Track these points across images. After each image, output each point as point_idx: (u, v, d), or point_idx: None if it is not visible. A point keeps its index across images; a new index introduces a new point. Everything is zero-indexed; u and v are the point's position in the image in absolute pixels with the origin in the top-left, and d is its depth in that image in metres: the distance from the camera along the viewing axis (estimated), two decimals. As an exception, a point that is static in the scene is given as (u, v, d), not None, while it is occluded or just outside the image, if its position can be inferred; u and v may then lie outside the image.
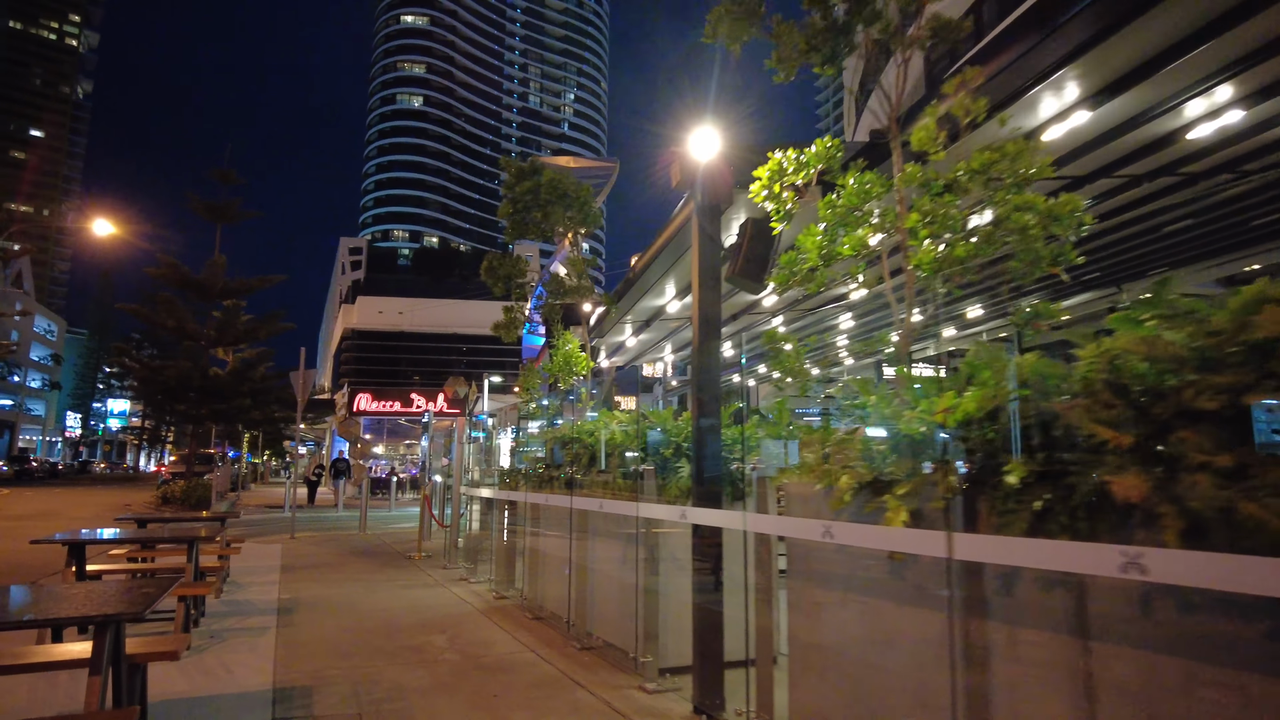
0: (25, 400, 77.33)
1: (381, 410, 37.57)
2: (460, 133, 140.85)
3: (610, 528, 5.46)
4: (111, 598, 3.25)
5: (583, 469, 5.74)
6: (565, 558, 6.13)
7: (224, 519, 8.72)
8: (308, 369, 15.20)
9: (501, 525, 8.14)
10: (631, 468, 5.03)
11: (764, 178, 3.78)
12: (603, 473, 5.48)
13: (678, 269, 7.73)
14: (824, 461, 3.22)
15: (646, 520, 4.80)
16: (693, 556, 4.44)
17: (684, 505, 4.35)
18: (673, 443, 4.87)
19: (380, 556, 11.71)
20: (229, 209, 28.11)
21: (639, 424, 5.22)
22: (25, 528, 16.84)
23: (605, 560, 5.59)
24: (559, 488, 6.12)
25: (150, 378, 24.73)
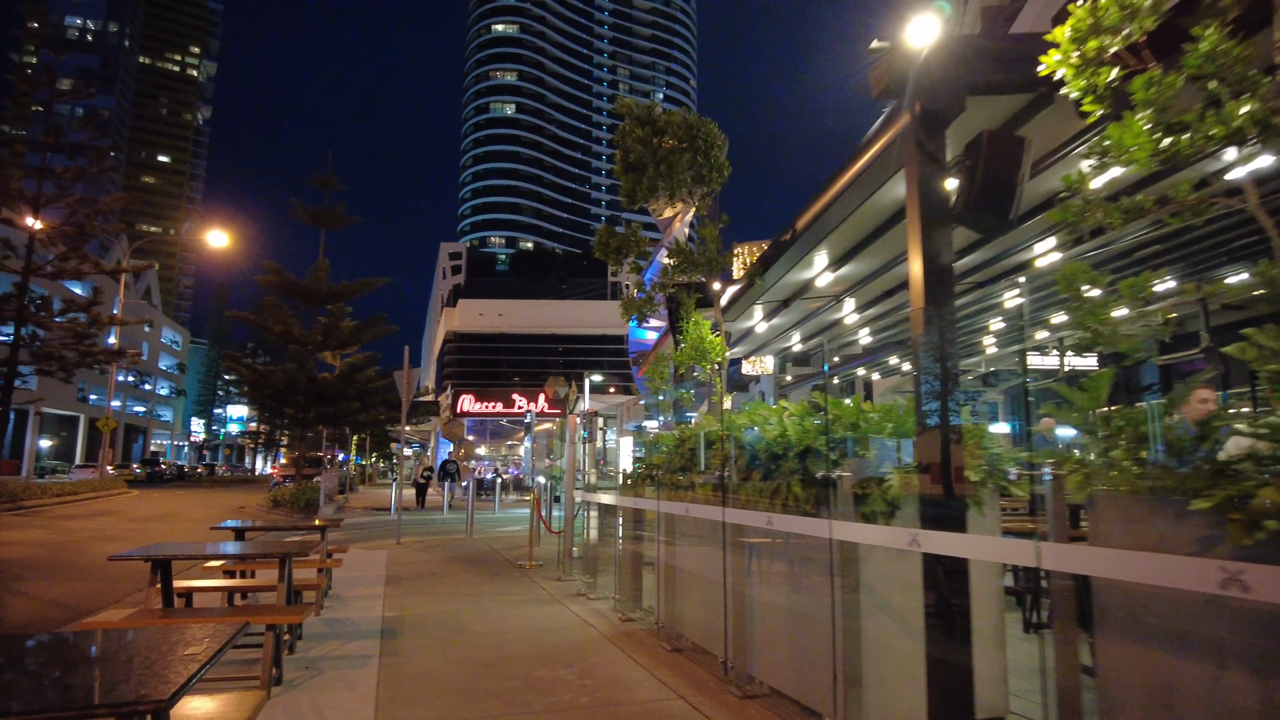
0: (155, 407, 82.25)
1: (484, 411, 37.62)
2: (552, 137, 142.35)
3: (785, 548, 4.30)
4: (134, 667, 2.31)
5: (738, 473, 4.61)
6: (717, 580, 5.01)
7: (324, 528, 8.03)
8: (412, 368, 14.66)
9: (625, 535, 7.12)
10: (817, 473, 3.86)
11: (1065, 40, 2.51)
12: (769, 478, 4.34)
13: (846, 228, 6.46)
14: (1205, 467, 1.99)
15: (840, 542, 3.63)
16: (928, 593, 3.24)
17: (908, 527, 3.17)
18: (870, 439, 3.69)
19: (489, 565, 10.92)
20: (331, 214, 28.38)
21: (819, 416, 4.06)
22: (144, 530, 17.03)
23: (776, 587, 4.44)
24: (705, 496, 5.01)
25: (258, 382, 25.09)
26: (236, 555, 5.22)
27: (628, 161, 6.70)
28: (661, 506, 5.84)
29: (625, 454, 7.48)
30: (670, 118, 6.57)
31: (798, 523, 3.87)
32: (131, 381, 73.91)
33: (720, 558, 4.99)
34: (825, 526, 3.66)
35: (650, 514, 6.73)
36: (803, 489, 3.94)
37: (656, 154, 6.39)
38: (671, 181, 6.45)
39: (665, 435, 5.93)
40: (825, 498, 3.76)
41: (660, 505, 5.86)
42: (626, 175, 6.80)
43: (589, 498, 8.26)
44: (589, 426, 7.87)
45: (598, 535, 8.37)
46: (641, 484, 6.32)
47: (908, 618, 3.51)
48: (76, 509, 22.87)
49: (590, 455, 8.36)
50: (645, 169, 6.52)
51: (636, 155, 6.52)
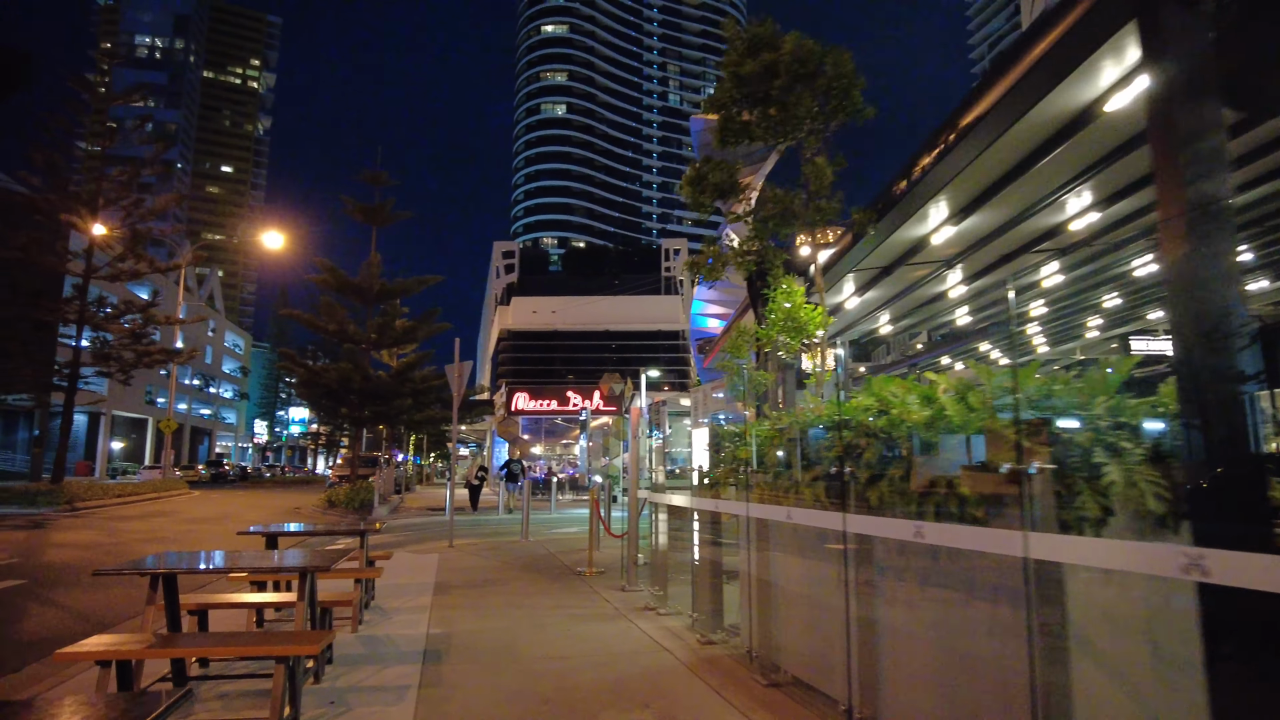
0: (219, 410, 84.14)
1: (539, 410, 36.94)
2: (603, 137, 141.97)
3: (942, 567, 3.25)
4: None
5: (866, 469, 3.55)
6: (833, 603, 3.97)
7: (364, 533, 7.20)
8: (463, 361, 13.89)
9: (702, 541, 6.11)
10: (1000, 468, 2.79)
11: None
12: (909, 478, 3.28)
13: (987, 162, 5.30)
14: None
15: (1040, 563, 2.58)
16: (1216, 643, 2.15)
17: (1178, 544, 2.11)
18: (1095, 422, 2.61)
19: (546, 572, 10.03)
20: (382, 210, 28.00)
21: (989, 391, 2.98)
22: (195, 532, 16.64)
23: (923, 616, 3.39)
24: (816, 498, 3.97)
25: (312, 381, 24.79)
26: (246, 569, 4.37)
27: (733, 97, 5.62)
28: (752, 511, 4.81)
29: (699, 449, 6.49)
30: (797, 41, 5.35)
31: (971, 536, 2.81)
32: (196, 385, 75.64)
33: (838, 575, 3.94)
34: (1016, 541, 2.60)
35: (737, 519, 5.73)
36: (970, 491, 2.88)
37: (774, 83, 5.24)
38: (786, 124, 5.32)
39: (756, 425, 4.89)
40: (1014, 500, 2.70)
41: (750, 509, 4.84)
42: (726, 117, 5.72)
43: (656, 499, 7.27)
44: (656, 420, 6.85)
45: (666, 541, 7.38)
46: (723, 483, 5.31)
47: (1170, 672, 2.42)
48: (134, 510, 22.81)
49: (657, 451, 7.36)
50: (758, 104, 5.39)
51: (745, 93, 5.44)
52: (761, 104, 5.30)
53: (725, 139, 5.54)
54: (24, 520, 18.31)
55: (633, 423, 8.55)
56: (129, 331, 25.43)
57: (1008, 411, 2.97)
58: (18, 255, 23.51)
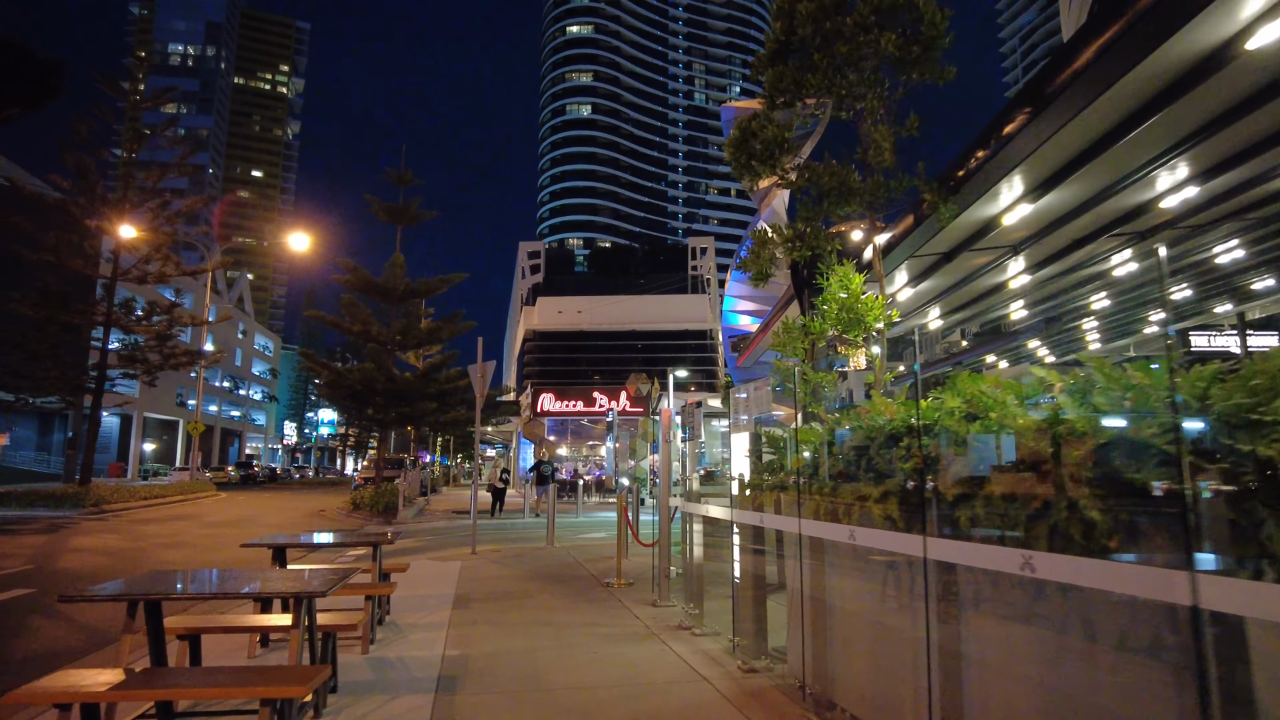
0: (249, 411, 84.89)
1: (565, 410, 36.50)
2: (628, 137, 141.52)
3: (1058, 607, 2.65)
4: None
5: (953, 485, 2.96)
6: (905, 632, 3.38)
7: (377, 544, 6.71)
8: (486, 361, 13.42)
9: (743, 555, 5.52)
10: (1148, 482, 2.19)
11: None
12: (1015, 499, 2.68)
13: (1083, 123, 4.63)
14: None
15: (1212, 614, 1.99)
16: None
17: None
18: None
19: (572, 582, 9.49)
20: (407, 210, 27.71)
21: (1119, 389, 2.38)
22: (215, 537, 16.35)
23: (1025, 662, 2.79)
24: (889, 518, 3.38)
25: (336, 382, 24.52)
26: (228, 593, 3.86)
27: (783, 42, 4.97)
28: (805, 528, 4.22)
29: (739, 454, 5.96)
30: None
31: (1106, 573, 2.21)
32: (226, 387, 76.33)
33: (913, 605, 3.35)
34: (1178, 584, 2.00)
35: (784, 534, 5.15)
36: (1101, 515, 2.28)
37: (847, 23, 4.53)
38: (853, 75, 4.63)
39: (810, 431, 4.30)
40: (1162, 529, 2.11)
41: (803, 526, 4.24)
42: (774, 66, 5.07)
43: (691, 509, 6.69)
44: (689, 422, 6.28)
45: (701, 553, 6.80)
46: (769, 494, 4.73)
47: None
48: (158, 512, 22.68)
49: (692, 456, 6.79)
50: (823, 45, 4.68)
51: (804, 33, 4.76)
52: (823, 46, 4.65)
53: (774, 98, 4.88)
54: (47, 523, 18.18)
55: (664, 425, 7.98)
56: (154, 333, 25.35)
57: (1133, 414, 2.37)
58: (48, 259, 23.52)
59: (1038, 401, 2.90)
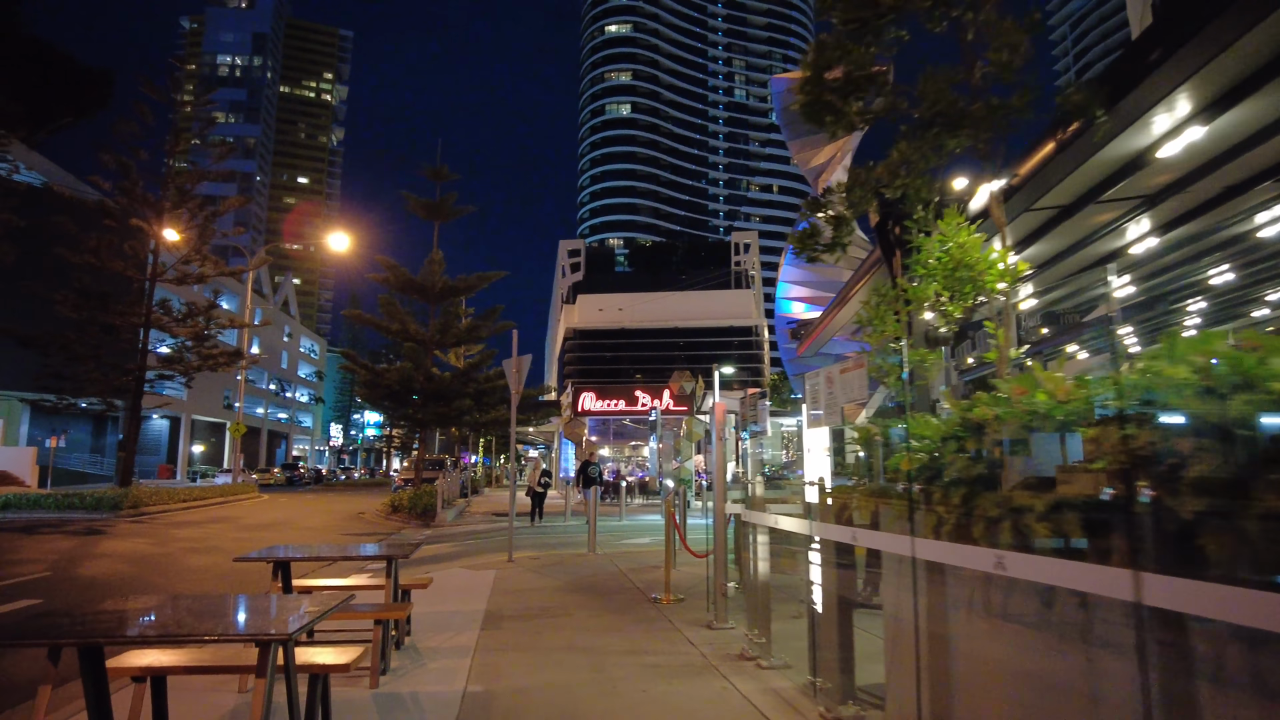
0: (296, 414, 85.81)
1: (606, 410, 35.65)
2: (668, 135, 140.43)
3: None
4: None
5: (1198, 499, 1.94)
6: (1086, 694, 2.37)
7: (392, 559, 5.85)
8: (523, 357, 12.57)
9: (825, 573, 4.52)
10: None
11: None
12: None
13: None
14: None
15: None
16: None
17: None
18: None
19: (615, 597, 8.55)
20: (444, 206, 27.11)
21: None
22: (249, 541, 15.78)
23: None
24: (1064, 538, 2.36)
25: (373, 381, 23.97)
26: (181, 637, 2.98)
27: None
28: (922, 550, 3.21)
29: (816, 453, 4.97)
30: None
31: None
32: (273, 390, 77.13)
33: (1100, 658, 2.34)
34: None
35: (862, 548, 4.14)
36: None
37: None
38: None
39: (924, 422, 3.29)
40: None
41: (919, 548, 3.24)
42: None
43: (755, 518, 5.70)
44: (750, 416, 5.27)
45: (767, 569, 5.80)
46: (863, 502, 3.72)
47: None
48: (195, 515, 22.35)
49: (753, 457, 5.79)
50: None
51: None
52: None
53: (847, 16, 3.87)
54: (82, 526, 17.85)
55: (716, 421, 7.00)
56: (192, 333, 25.11)
57: None
58: (89, 260, 23.41)
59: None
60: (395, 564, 5.92)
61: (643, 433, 46.33)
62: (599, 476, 19.61)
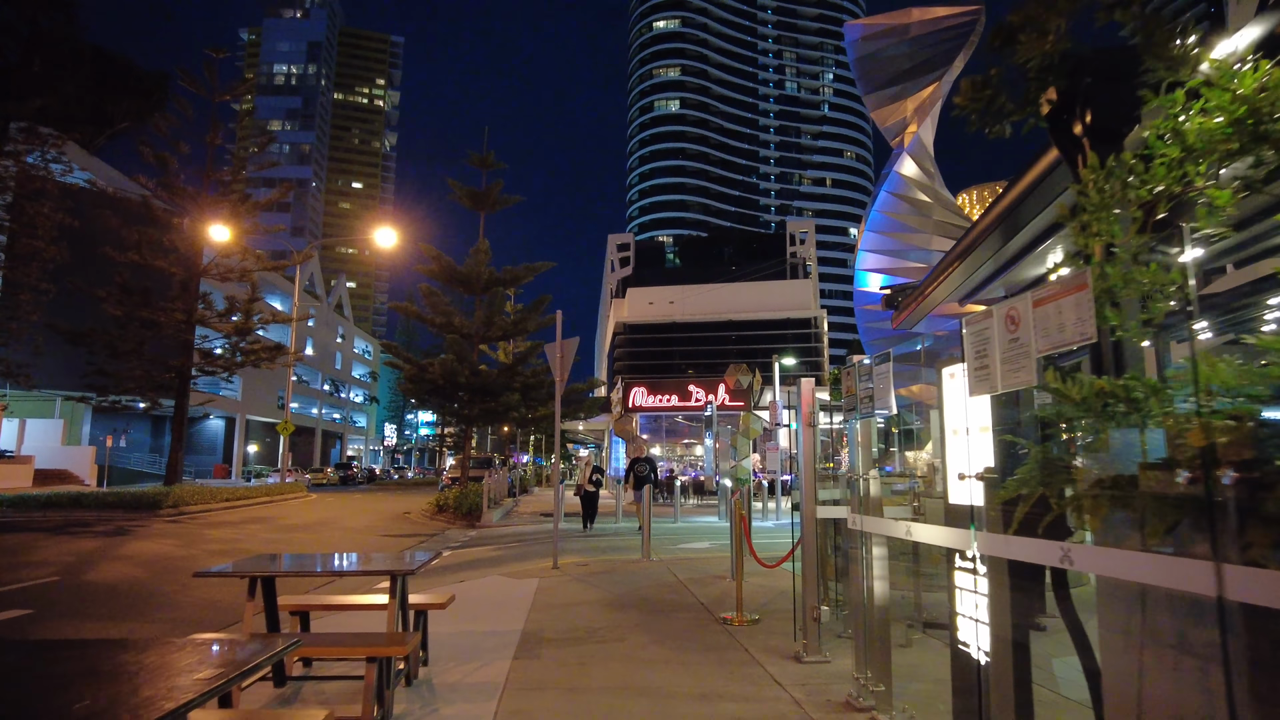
0: (350, 414, 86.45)
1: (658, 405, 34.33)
2: (718, 130, 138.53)
3: None
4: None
5: None
6: None
7: (399, 576, 4.58)
8: (570, 345, 11.31)
9: (994, 609, 3.10)
10: None
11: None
12: None
13: None
14: None
15: None
16: None
17: None
18: None
19: (676, 616, 7.19)
20: (489, 195, 26.11)
21: None
22: (282, 542, 14.85)
23: None
24: None
25: (417, 376, 23.03)
26: None
27: None
28: (1239, 586, 1.78)
29: (962, 436, 3.65)
30: None
31: None
32: (327, 390, 77.72)
33: None
34: None
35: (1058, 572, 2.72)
36: None
37: None
38: None
39: (1229, 367, 1.86)
40: None
41: (1230, 580, 1.80)
42: None
43: (871, 526, 4.29)
44: (868, 389, 3.83)
45: (885, 590, 4.38)
46: (1099, 505, 2.31)
47: None
48: (236, 515, 21.68)
49: (864, 448, 4.37)
50: None
51: None
52: None
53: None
54: (114, 526, 17.19)
55: (804, 403, 5.61)
56: (234, 328, 24.55)
57: None
58: (133, 257, 23.01)
59: None
60: (402, 582, 4.66)
61: (695, 430, 44.91)
62: (651, 475, 17.30)
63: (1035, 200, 3.87)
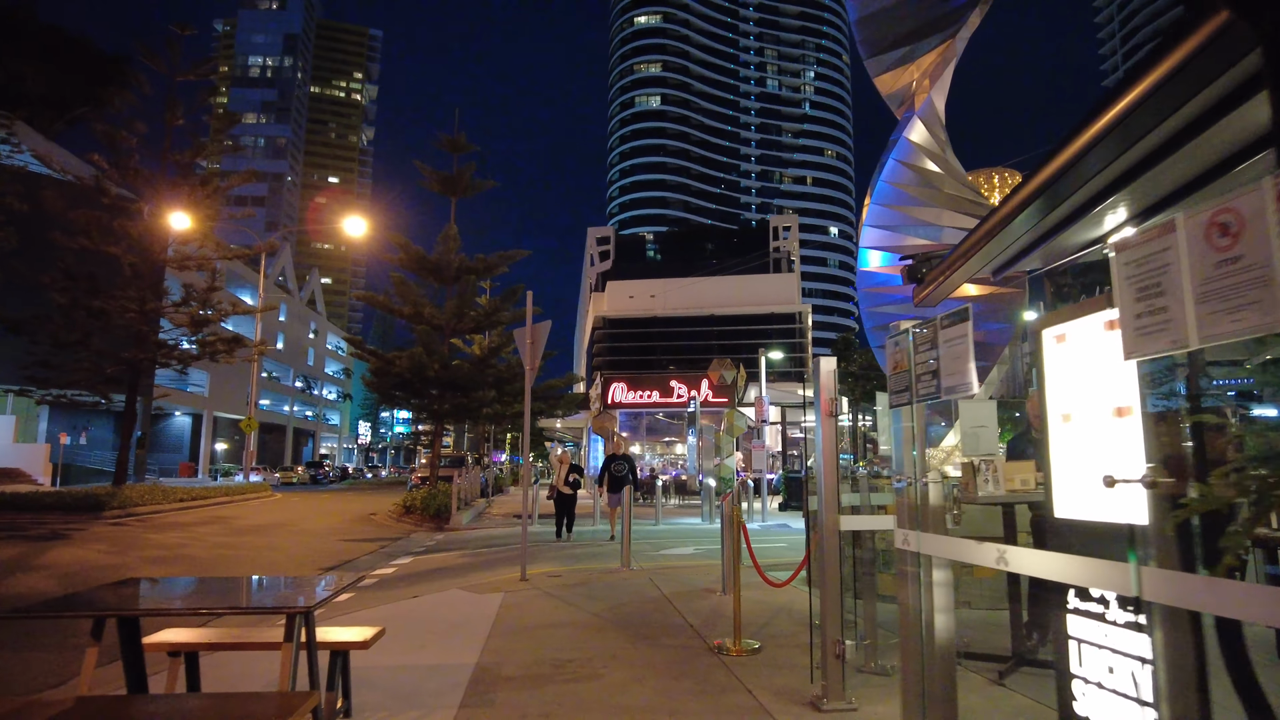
0: (323, 411, 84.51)
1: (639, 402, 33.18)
2: (699, 127, 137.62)
3: None
4: None
5: None
6: None
7: (297, 616, 3.42)
8: (539, 322, 10.16)
9: (1168, 667, 2.03)
10: None
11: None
12: None
13: None
14: None
15: None
16: None
17: None
18: None
19: (663, 644, 6.07)
20: (461, 179, 24.84)
21: None
22: (231, 547, 13.57)
23: None
24: None
25: (383, 370, 21.74)
26: None
27: None
28: None
29: (1091, 418, 2.70)
30: None
31: None
32: (299, 387, 75.82)
33: None
34: None
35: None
36: None
37: None
38: None
39: None
40: None
41: None
42: None
43: (937, 549, 3.20)
44: (917, 374, 2.69)
45: (948, 624, 3.31)
46: None
47: None
48: (189, 516, 20.32)
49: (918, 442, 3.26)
50: None
51: None
52: None
53: None
54: (46, 530, 15.77)
55: (823, 392, 4.53)
56: (188, 319, 23.10)
57: None
58: (82, 242, 21.49)
59: None
60: (304, 622, 3.50)
61: (676, 428, 43.80)
62: (630, 476, 14.92)
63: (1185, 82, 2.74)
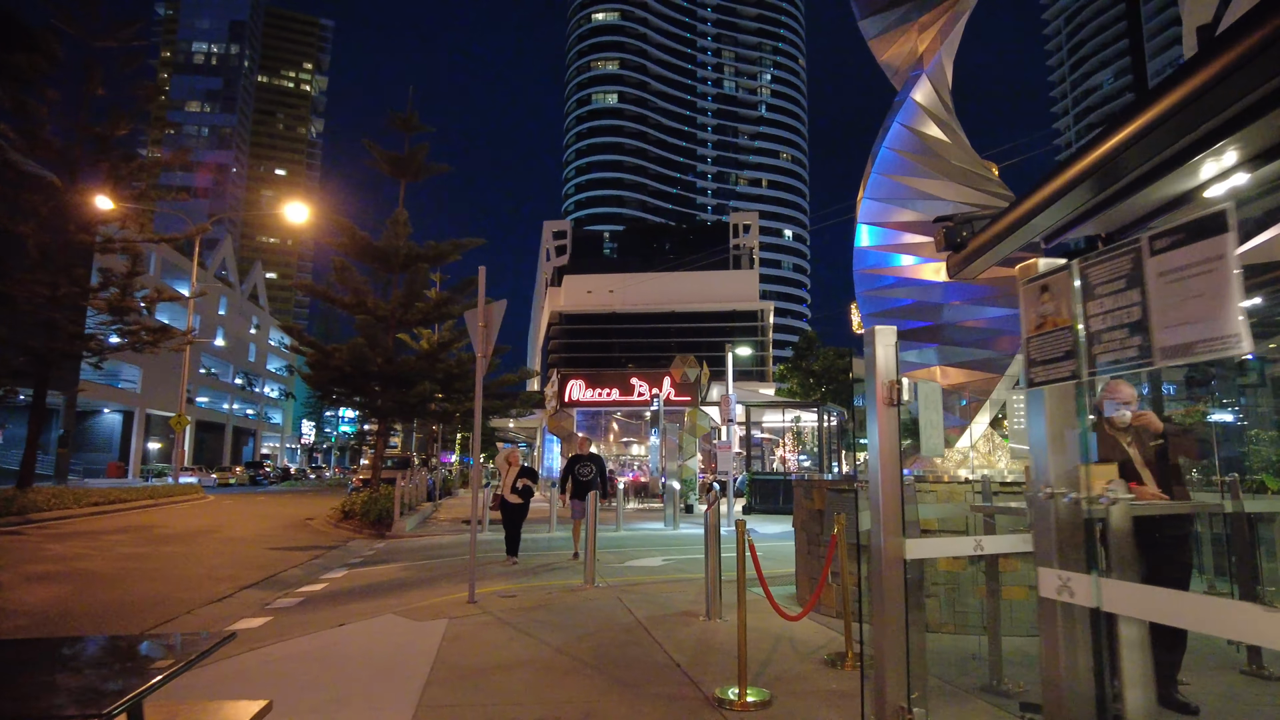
0: (265, 409, 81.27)
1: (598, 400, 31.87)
2: (656, 126, 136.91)
3: None
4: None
5: None
6: None
7: (137, 690, 2.12)
8: (492, 301, 8.82)
9: None
10: None
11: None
12: None
13: None
14: None
15: None
16: None
17: None
18: None
19: (644, 694, 4.83)
20: (413, 161, 23.27)
21: None
22: (144, 560, 11.93)
23: None
24: None
25: (321, 362, 20.08)
26: None
27: None
28: None
29: None
30: None
31: None
32: (239, 384, 72.74)
33: None
34: None
35: None
36: None
37: None
38: None
39: None
40: None
41: None
42: None
43: (1127, 603, 2.00)
44: (1093, 330, 1.42)
45: (1144, 701, 2.15)
46: None
47: None
48: (103, 522, 18.45)
49: (1067, 437, 2.04)
50: None
51: None
52: None
53: None
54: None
55: (878, 375, 3.38)
56: (107, 305, 21.12)
57: None
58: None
59: None
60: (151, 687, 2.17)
61: (634, 428, 42.60)
62: (598, 479, 12.37)
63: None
